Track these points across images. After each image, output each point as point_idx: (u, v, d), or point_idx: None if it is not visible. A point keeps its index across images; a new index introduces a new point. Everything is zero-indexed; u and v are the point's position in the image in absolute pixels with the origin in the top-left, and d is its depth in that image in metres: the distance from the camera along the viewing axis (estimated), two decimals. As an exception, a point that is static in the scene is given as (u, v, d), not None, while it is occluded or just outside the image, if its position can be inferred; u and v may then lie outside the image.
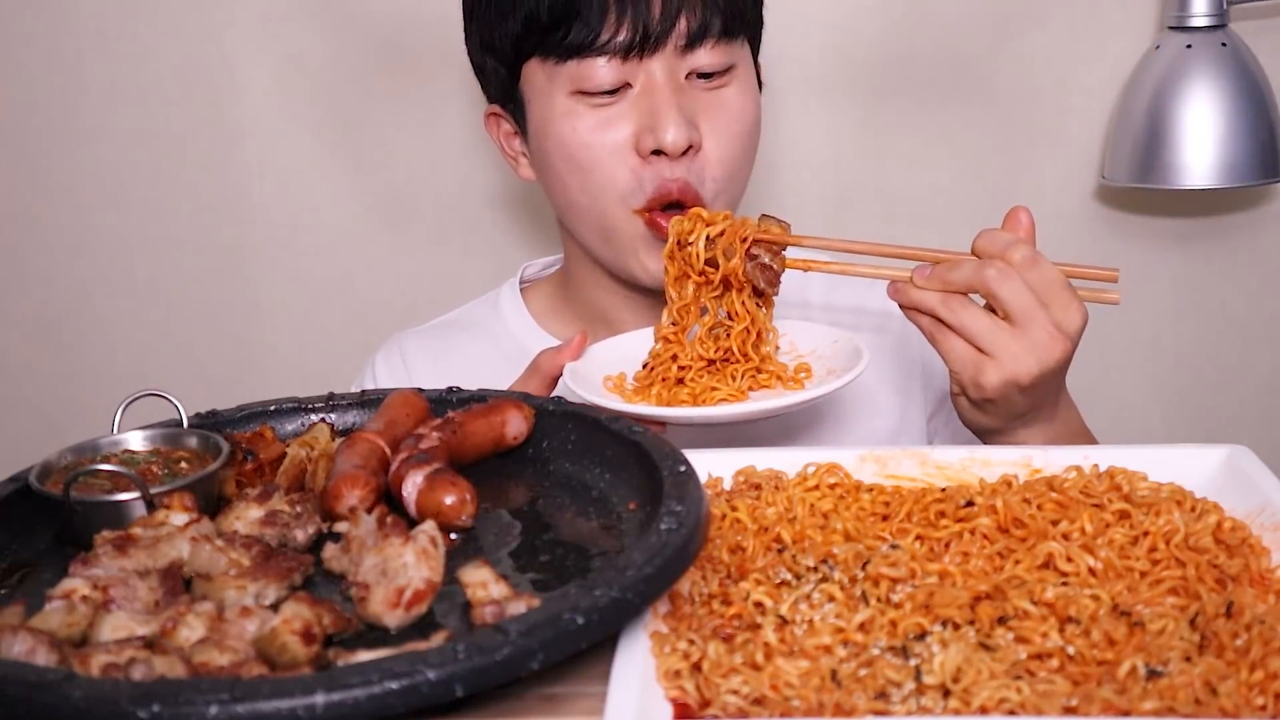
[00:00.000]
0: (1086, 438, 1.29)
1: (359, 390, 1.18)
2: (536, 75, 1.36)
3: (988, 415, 1.18)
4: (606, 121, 1.33)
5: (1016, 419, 1.19)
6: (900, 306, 1.19)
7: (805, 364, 1.28)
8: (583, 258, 1.45)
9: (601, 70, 1.31)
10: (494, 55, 1.39)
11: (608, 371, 1.27)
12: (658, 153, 1.31)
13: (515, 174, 1.47)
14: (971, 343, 1.14)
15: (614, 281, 1.44)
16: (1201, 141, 1.76)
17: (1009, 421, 1.19)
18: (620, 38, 1.29)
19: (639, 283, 1.39)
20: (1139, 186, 1.82)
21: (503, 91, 1.42)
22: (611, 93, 1.32)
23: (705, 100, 1.34)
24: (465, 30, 1.44)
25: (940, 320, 1.15)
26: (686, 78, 1.33)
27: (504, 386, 1.21)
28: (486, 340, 1.52)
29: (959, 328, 1.14)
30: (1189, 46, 1.76)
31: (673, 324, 1.27)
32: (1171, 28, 1.78)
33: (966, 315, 1.14)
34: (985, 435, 1.23)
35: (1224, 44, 1.76)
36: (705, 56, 1.32)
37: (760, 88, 1.43)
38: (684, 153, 1.31)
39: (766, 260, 1.23)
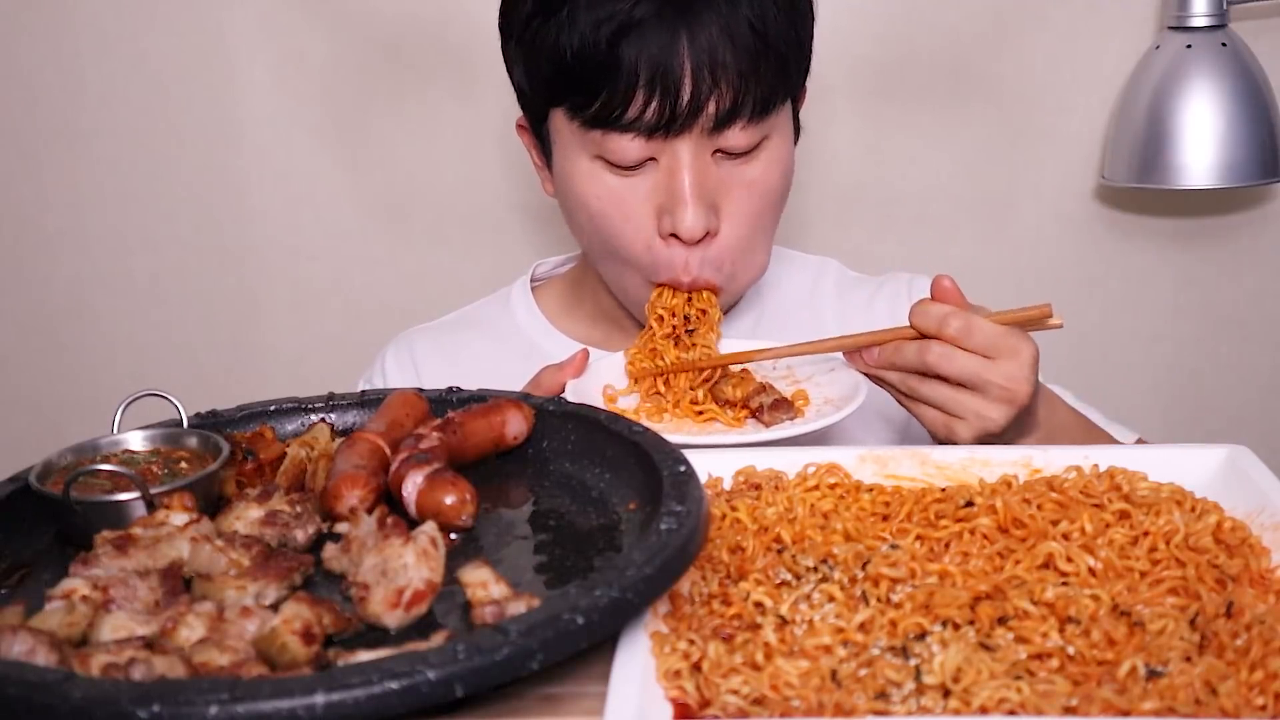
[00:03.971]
0: (1079, 424, 1.32)
1: (364, 386, 1.18)
2: (562, 127, 1.33)
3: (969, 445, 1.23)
4: (629, 193, 1.31)
5: (1003, 443, 1.22)
6: (864, 375, 1.25)
7: (803, 391, 1.29)
8: None
9: (627, 146, 1.28)
10: (529, 82, 1.36)
11: (611, 387, 1.28)
12: (676, 234, 1.29)
13: (542, 187, 1.45)
14: (938, 409, 1.20)
15: None
16: (1201, 141, 1.76)
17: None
18: (647, 117, 1.26)
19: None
20: (1139, 186, 1.82)
21: (531, 116, 1.40)
22: (636, 165, 1.30)
23: (729, 177, 1.31)
24: (503, 44, 1.39)
25: (904, 394, 1.22)
26: (713, 154, 1.30)
27: (514, 385, 1.22)
28: (497, 338, 1.52)
29: (923, 400, 1.21)
30: (1189, 46, 1.76)
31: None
32: (1171, 28, 1.78)
33: (926, 389, 1.20)
34: None
35: (1224, 44, 1.76)
36: (734, 138, 1.29)
37: (798, 133, 1.41)
38: (701, 239, 1.30)
39: (771, 401, 1.26)
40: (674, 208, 1.28)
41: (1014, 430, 1.21)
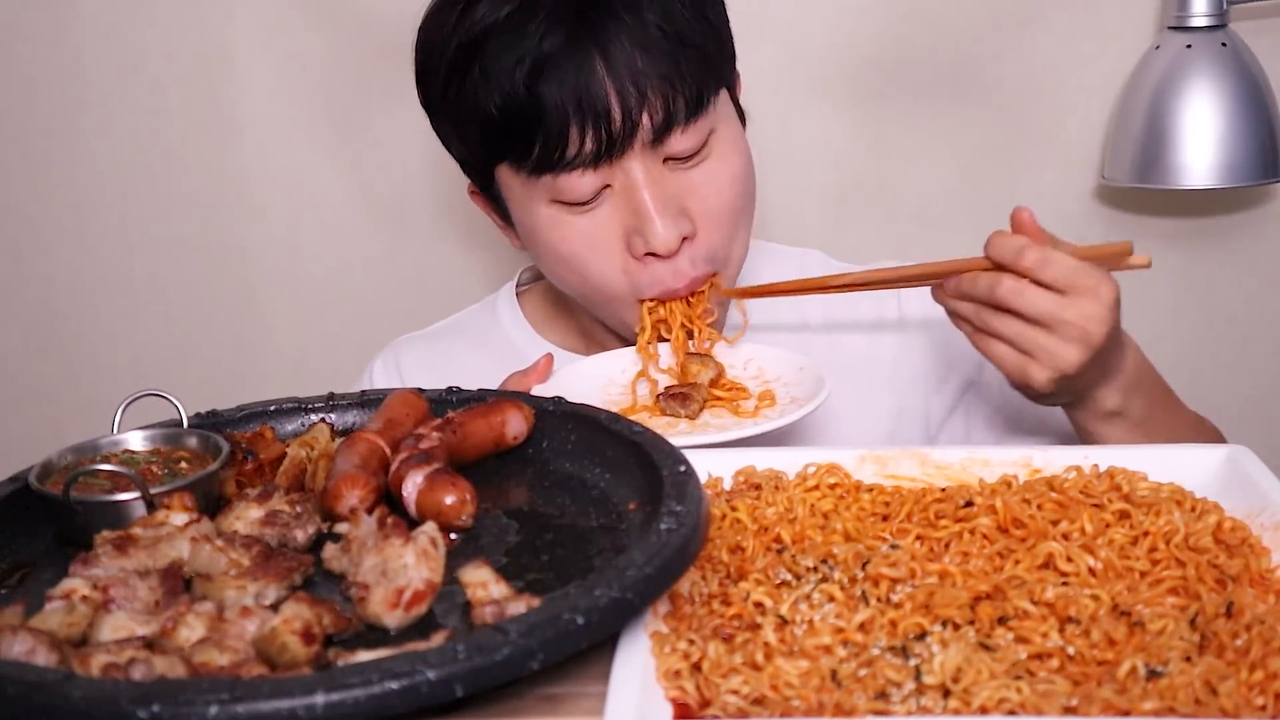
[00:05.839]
0: (1161, 386, 1.30)
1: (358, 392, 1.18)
2: (511, 181, 1.31)
3: (1053, 401, 1.21)
4: (593, 228, 1.29)
5: (1084, 392, 1.21)
6: (946, 311, 1.22)
7: (770, 390, 1.29)
8: None
9: (578, 183, 1.26)
10: (466, 149, 1.35)
11: (576, 393, 1.26)
12: (652, 252, 1.28)
13: (511, 243, 1.44)
14: (1012, 345, 1.17)
15: None
16: (1201, 141, 1.76)
17: (1077, 396, 1.22)
18: (587, 149, 1.24)
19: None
20: (1139, 186, 1.82)
21: (479, 181, 1.38)
22: (593, 198, 1.28)
23: (688, 180, 1.29)
24: (431, 121, 1.38)
25: (977, 329, 1.19)
26: (665, 162, 1.28)
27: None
28: (483, 347, 1.52)
29: (996, 334, 1.17)
30: (1189, 46, 1.76)
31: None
32: (1171, 28, 1.78)
33: (998, 323, 1.17)
34: (1067, 409, 1.25)
35: (1224, 44, 1.76)
36: (678, 142, 1.27)
37: (744, 120, 1.39)
38: (678, 249, 1.28)
39: (673, 391, 1.28)
40: (642, 226, 1.27)
41: (1094, 375, 1.18)
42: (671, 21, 1.26)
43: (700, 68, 1.27)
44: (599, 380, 1.33)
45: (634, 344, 1.36)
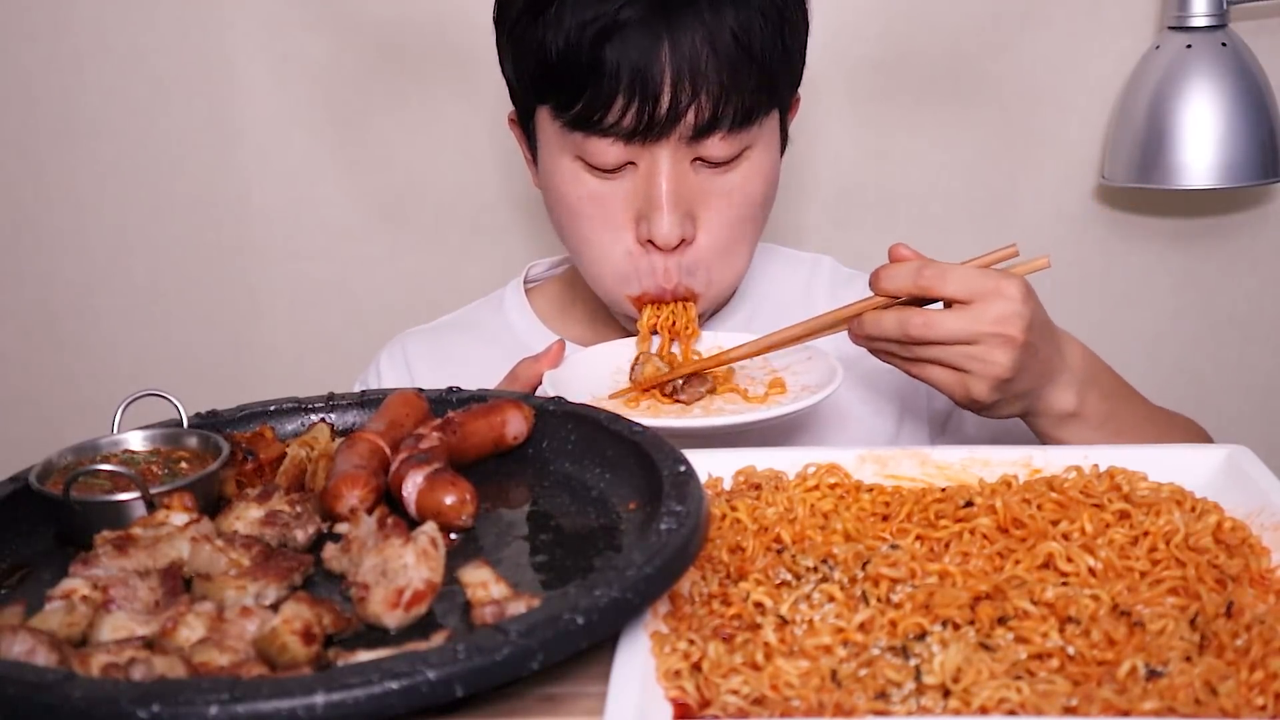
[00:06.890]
0: (1120, 383, 1.31)
1: (361, 388, 1.18)
2: (547, 126, 1.34)
3: (1003, 410, 1.21)
4: (608, 197, 1.31)
5: (1032, 394, 1.20)
6: (869, 351, 1.22)
7: (780, 379, 1.28)
8: None
9: (606, 149, 1.28)
10: (517, 77, 1.37)
11: (587, 380, 1.28)
12: (652, 241, 1.30)
13: (531, 178, 1.46)
14: (944, 367, 1.18)
15: None
16: (1201, 141, 1.76)
17: (1030, 401, 1.21)
18: (626, 121, 1.26)
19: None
20: (1139, 186, 1.82)
21: (520, 112, 1.41)
22: (616, 169, 1.30)
23: (708, 185, 1.31)
24: (496, 37, 1.40)
25: (906, 360, 1.20)
26: (693, 161, 1.30)
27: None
28: (490, 341, 1.52)
29: (927, 360, 1.18)
30: (1189, 46, 1.76)
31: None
32: (1171, 28, 1.78)
33: (922, 353, 1.18)
34: (1025, 419, 1.25)
35: (1224, 44, 1.76)
36: (714, 147, 1.28)
37: (786, 143, 1.40)
38: (676, 246, 1.30)
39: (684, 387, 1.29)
40: (650, 214, 1.29)
41: (1035, 373, 1.18)
42: (747, 32, 1.26)
43: (760, 84, 1.28)
44: (607, 368, 1.33)
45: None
